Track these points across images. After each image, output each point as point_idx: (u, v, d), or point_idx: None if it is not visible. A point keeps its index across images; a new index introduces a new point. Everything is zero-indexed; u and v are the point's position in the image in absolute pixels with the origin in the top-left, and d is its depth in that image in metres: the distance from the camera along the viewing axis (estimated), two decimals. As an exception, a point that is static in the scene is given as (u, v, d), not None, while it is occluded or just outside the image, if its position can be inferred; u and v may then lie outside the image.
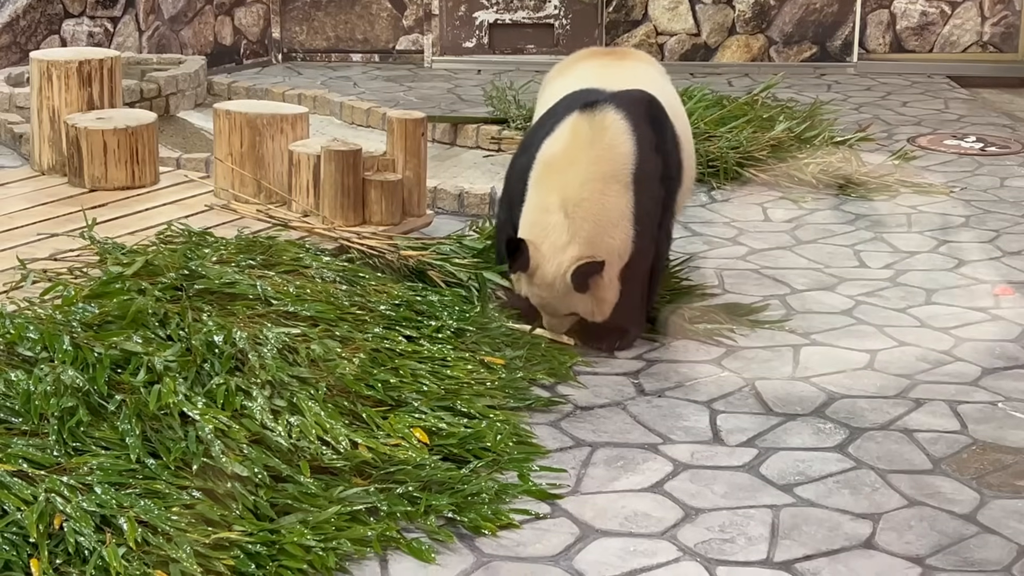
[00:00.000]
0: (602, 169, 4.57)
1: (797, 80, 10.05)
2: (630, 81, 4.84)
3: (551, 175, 4.61)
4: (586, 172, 4.55)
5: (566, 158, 4.61)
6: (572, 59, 5.28)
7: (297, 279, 4.60)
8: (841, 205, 6.77)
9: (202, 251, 4.71)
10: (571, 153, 4.60)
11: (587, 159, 4.57)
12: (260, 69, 10.59)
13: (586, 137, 4.60)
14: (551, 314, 4.71)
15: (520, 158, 4.88)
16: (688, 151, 5.01)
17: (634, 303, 4.74)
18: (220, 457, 3.52)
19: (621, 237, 4.57)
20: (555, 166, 4.61)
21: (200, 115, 8.62)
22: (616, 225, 4.56)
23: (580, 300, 4.59)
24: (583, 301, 4.59)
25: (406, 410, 3.99)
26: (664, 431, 4.17)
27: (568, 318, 4.71)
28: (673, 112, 4.92)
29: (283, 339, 4.06)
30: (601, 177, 4.56)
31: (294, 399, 3.83)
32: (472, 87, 9.86)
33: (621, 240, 4.57)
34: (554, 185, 4.58)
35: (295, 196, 5.63)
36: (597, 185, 4.55)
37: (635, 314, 4.78)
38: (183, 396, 3.70)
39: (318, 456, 3.67)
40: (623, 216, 4.56)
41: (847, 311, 5.25)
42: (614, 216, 4.55)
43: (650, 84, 4.92)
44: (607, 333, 4.73)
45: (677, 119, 4.93)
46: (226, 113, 5.81)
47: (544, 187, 4.61)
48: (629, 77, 4.89)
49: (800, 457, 4.00)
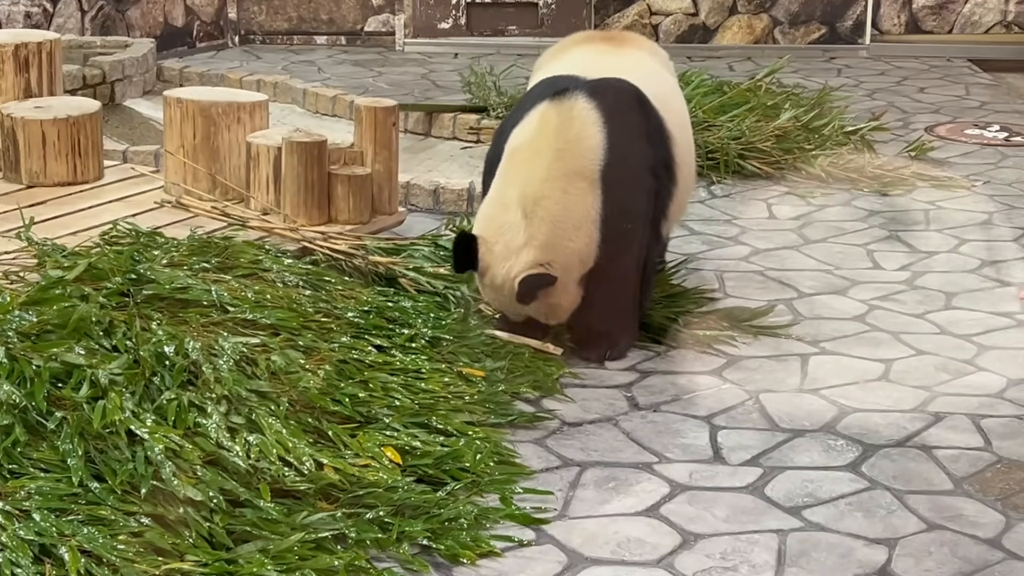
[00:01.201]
0: (566, 165, 4.56)
1: (804, 64, 10.08)
2: (621, 70, 4.84)
3: (514, 168, 4.62)
4: (549, 167, 4.55)
5: (530, 150, 4.61)
6: (565, 43, 5.28)
7: (256, 284, 4.59)
8: (853, 201, 6.79)
9: (151, 253, 4.70)
10: (536, 145, 4.60)
11: (551, 152, 4.57)
12: (215, 53, 10.58)
13: (553, 128, 4.60)
14: (506, 313, 4.75)
15: (491, 150, 4.90)
16: (685, 148, 5.00)
17: (624, 309, 4.75)
18: (171, 480, 3.51)
19: (583, 240, 4.56)
20: (519, 158, 4.63)
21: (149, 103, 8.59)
22: (578, 228, 4.54)
23: (532, 306, 4.61)
24: (534, 308, 4.63)
25: (376, 427, 3.99)
26: (660, 449, 4.18)
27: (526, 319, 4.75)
28: (668, 107, 4.91)
29: (241, 350, 4.05)
30: (564, 173, 4.55)
31: (253, 416, 3.82)
32: (448, 72, 9.85)
33: (583, 244, 4.57)
34: (515, 179, 4.59)
35: (253, 192, 5.62)
36: (559, 182, 4.55)
37: (626, 321, 4.79)
38: (130, 413, 3.69)
39: (279, 478, 3.66)
40: (586, 218, 4.55)
41: (860, 317, 5.27)
42: (576, 217, 4.54)
43: (644, 74, 4.92)
44: (597, 342, 4.74)
45: (673, 114, 4.92)
46: (177, 101, 5.79)
47: (505, 180, 4.63)
48: (621, 66, 4.89)
49: (809, 477, 4.01)
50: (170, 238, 4.95)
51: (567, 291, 4.61)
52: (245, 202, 5.67)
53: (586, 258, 4.59)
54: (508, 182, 4.62)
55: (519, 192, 4.56)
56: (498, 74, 8.21)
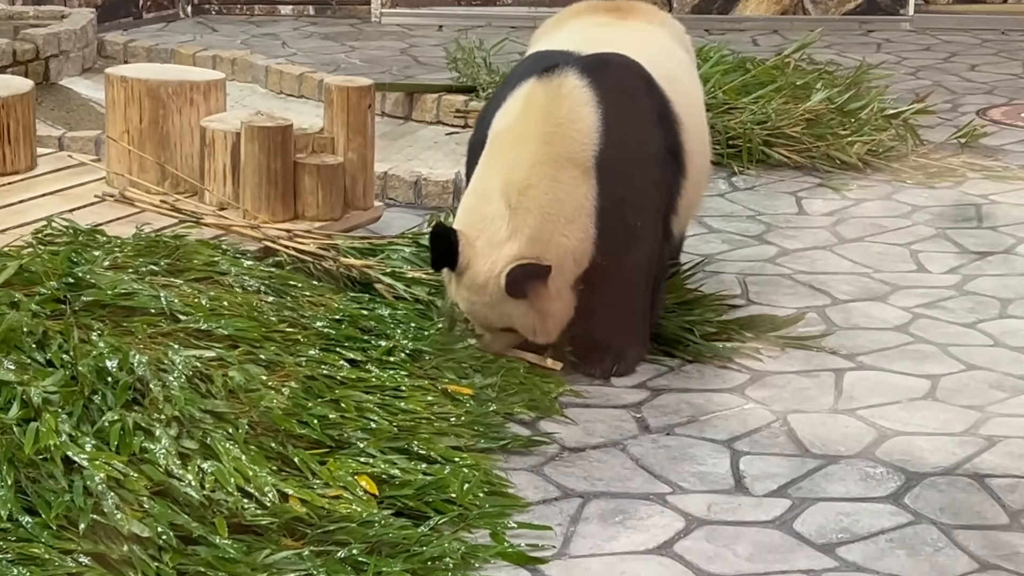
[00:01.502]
0: (555, 150, 4.56)
1: (839, 38, 10.09)
2: (623, 44, 4.84)
3: (497, 154, 4.63)
4: (536, 153, 4.55)
5: (515, 134, 4.61)
6: (563, 15, 5.29)
7: (211, 289, 4.59)
8: (894, 194, 6.80)
9: (91, 254, 4.69)
10: (521, 128, 4.61)
11: (538, 136, 4.57)
12: (164, 24, 10.58)
13: (540, 109, 4.60)
14: (483, 326, 4.72)
15: (473, 136, 4.92)
16: (697, 135, 4.99)
17: (631, 316, 4.75)
18: (114, 513, 3.50)
19: (577, 236, 4.56)
20: (502, 143, 4.63)
21: (89, 82, 8.60)
22: (571, 221, 4.54)
23: (518, 312, 4.58)
24: (522, 313, 4.59)
25: (349, 453, 3.99)
26: (674, 478, 4.18)
27: (506, 335, 4.70)
28: (677, 87, 4.90)
29: (194, 364, 4.05)
30: (553, 159, 4.55)
31: (208, 440, 3.81)
32: (432, 47, 9.87)
33: (577, 240, 4.57)
34: (498, 166, 4.60)
35: (208, 185, 5.62)
36: (548, 169, 4.55)
37: (634, 330, 4.79)
38: (67, 437, 3.68)
39: (238, 511, 3.66)
40: (580, 210, 4.55)
41: (902, 327, 5.28)
42: (568, 209, 4.54)
43: (651, 49, 4.93)
44: (601, 355, 4.74)
45: (683, 96, 4.92)
46: (121, 80, 5.79)
47: (487, 169, 4.64)
48: (624, 39, 4.89)
49: (844, 509, 4.01)
50: (113, 237, 4.95)
51: (560, 296, 4.60)
52: (199, 196, 5.67)
53: (580, 257, 4.58)
54: (490, 170, 4.63)
55: (503, 180, 4.57)
56: (489, 49, 8.22)
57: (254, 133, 5.42)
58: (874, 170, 7.06)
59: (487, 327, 4.71)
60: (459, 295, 4.68)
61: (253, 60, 8.77)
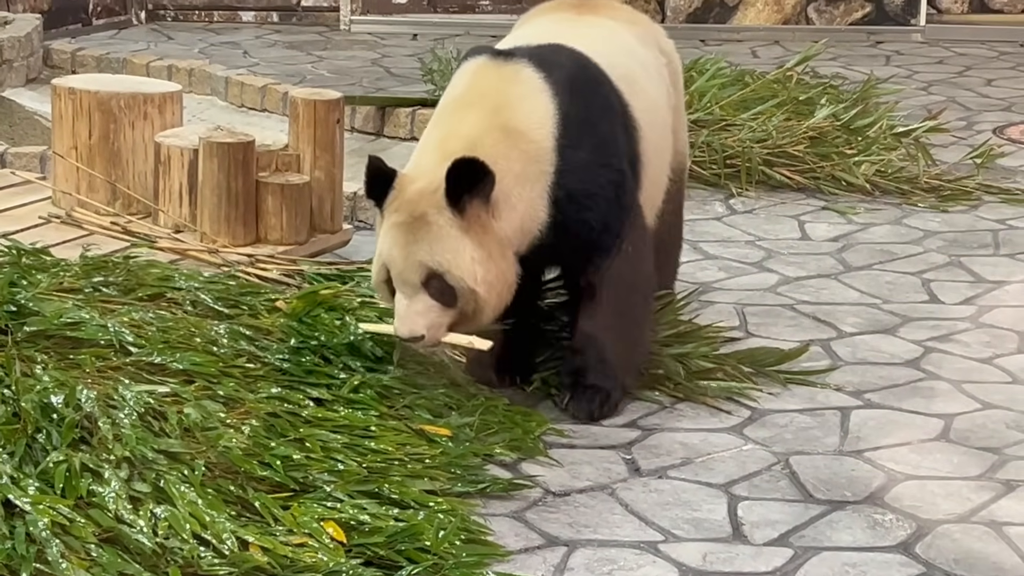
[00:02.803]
0: (508, 120, 4.56)
1: (845, 50, 10.13)
2: (576, 39, 4.86)
3: (441, 122, 4.64)
4: (484, 119, 4.55)
5: (462, 102, 4.64)
6: (529, 14, 5.35)
7: (164, 311, 4.59)
8: (904, 218, 6.82)
9: (35, 278, 4.69)
10: (468, 98, 4.64)
11: (488, 107, 4.57)
12: (116, 32, 10.59)
13: (491, 85, 4.62)
14: (404, 282, 4.46)
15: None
16: (654, 145, 4.92)
17: (620, 344, 4.76)
18: (59, 562, 3.49)
19: (525, 203, 4.53)
20: (447, 111, 4.66)
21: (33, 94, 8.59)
22: (520, 184, 4.52)
23: (450, 249, 4.39)
24: (454, 251, 4.39)
25: (315, 497, 3.98)
26: (667, 525, 4.18)
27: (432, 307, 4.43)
28: (634, 88, 4.88)
29: (146, 400, 4.04)
30: (502, 128, 4.54)
31: (161, 482, 3.80)
32: (405, 57, 9.88)
33: (524, 206, 4.53)
34: (441, 130, 4.61)
35: (163, 205, 5.62)
36: (497, 135, 4.52)
37: (625, 360, 4.80)
38: (8, 479, 3.67)
39: (193, 560, 3.65)
40: (532, 179, 4.54)
41: (913, 362, 5.29)
42: (517, 171, 4.51)
43: (608, 46, 4.94)
44: (587, 393, 4.75)
45: (640, 99, 4.89)
46: (69, 92, 5.79)
47: (428, 135, 4.65)
48: (579, 35, 4.91)
49: (850, 559, 4.01)
50: (59, 260, 4.94)
51: (504, 256, 4.48)
52: (153, 217, 5.67)
53: (527, 225, 4.55)
54: (431, 134, 4.63)
55: (443, 136, 4.56)
56: (467, 60, 8.23)
57: (213, 150, 5.42)
58: (883, 192, 7.07)
59: (408, 283, 4.45)
60: (385, 235, 4.49)
61: (212, 71, 8.77)
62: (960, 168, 7.38)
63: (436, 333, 4.49)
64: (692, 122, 7.21)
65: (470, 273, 4.42)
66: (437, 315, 4.46)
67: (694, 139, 7.08)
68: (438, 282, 4.43)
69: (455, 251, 4.41)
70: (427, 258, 4.42)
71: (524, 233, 4.57)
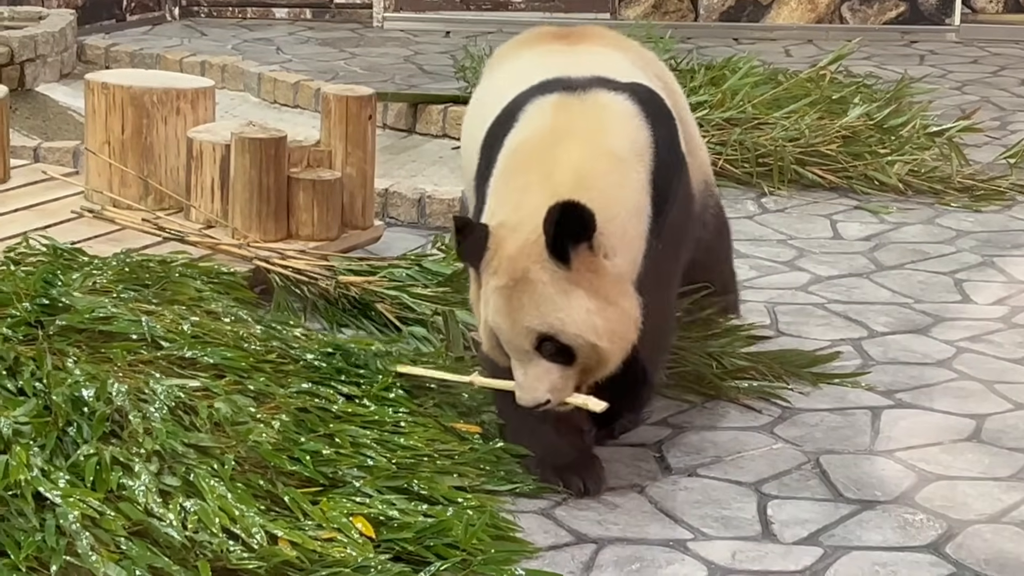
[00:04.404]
0: (611, 143, 4.22)
1: (879, 49, 10.10)
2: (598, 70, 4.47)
3: (523, 164, 4.21)
4: (587, 146, 4.18)
5: (552, 137, 4.23)
6: (511, 47, 4.98)
7: (195, 313, 4.60)
8: (937, 218, 6.80)
9: (68, 275, 4.70)
10: (558, 131, 4.23)
11: (585, 134, 4.21)
12: (150, 28, 10.62)
13: (579, 114, 4.27)
14: (515, 348, 4.08)
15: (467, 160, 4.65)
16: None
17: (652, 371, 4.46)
18: (88, 555, 3.51)
19: (637, 234, 4.16)
20: (527, 153, 4.23)
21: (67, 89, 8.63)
22: (634, 215, 4.16)
23: (560, 307, 3.98)
24: (564, 309, 3.99)
25: (344, 492, 3.99)
26: (696, 523, 4.18)
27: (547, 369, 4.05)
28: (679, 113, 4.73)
29: (177, 395, 4.06)
30: (608, 153, 4.19)
31: (191, 476, 3.82)
32: (438, 54, 9.89)
33: (636, 237, 4.16)
34: (534, 168, 4.18)
35: (195, 201, 5.64)
36: (606, 160, 4.17)
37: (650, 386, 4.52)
38: (39, 471, 3.68)
39: (222, 554, 3.65)
40: (641, 210, 4.19)
41: (945, 362, 5.27)
42: (633, 200, 4.17)
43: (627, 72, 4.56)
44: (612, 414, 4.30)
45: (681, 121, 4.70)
46: (102, 87, 5.81)
47: (514, 175, 4.22)
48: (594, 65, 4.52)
49: (880, 559, 4.01)
50: (92, 257, 4.96)
51: (624, 293, 4.08)
52: (184, 212, 5.68)
53: (638, 258, 4.17)
54: (526, 174, 4.19)
55: (547, 171, 4.14)
56: (499, 57, 8.23)
57: (245, 145, 5.44)
58: (915, 192, 7.05)
59: (519, 349, 4.06)
60: (487, 301, 4.10)
61: (245, 67, 8.79)
62: (993, 168, 7.36)
63: (560, 395, 4.08)
64: (724, 120, 7.22)
65: (588, 328, 4.00)
66: (558, 376, 4.05)
67: (726, 137, 7.08)
68: (551, 344, 4.02)
69: (566, 308, 3.99)
70: (535, 323, 4.00)
71: (635, 265, 4.14)
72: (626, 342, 4.08)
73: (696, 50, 9.24)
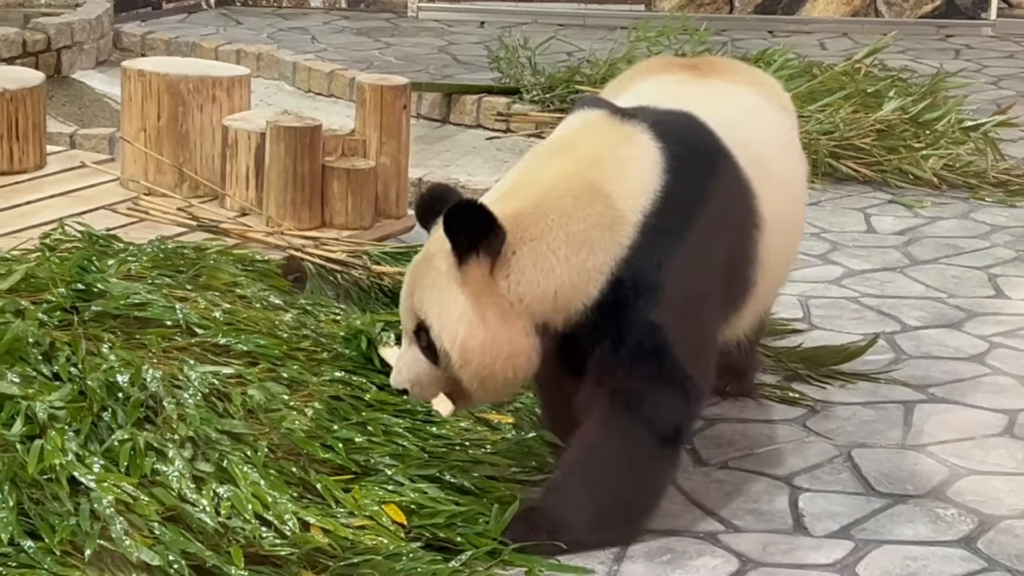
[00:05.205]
0: (595, 178, 3.94)
1: (914, 43, 10.07)
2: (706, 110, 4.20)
3: (529, 162, 4.12)
4: (572, 170, 3.96)
5: (559, 147, 4.11)
6: (640, 69, 4.71)
7: (229, 300, 4.61)
8: (971, 212, 6.78)
9: (103, 262, 4.72)
10: (568, 145, 4.09)
11: (584, 158, 3.99)
12: (186, 16, 10.64)
13: (599, 139, 4.05)
14: (403, 324, 4.00)
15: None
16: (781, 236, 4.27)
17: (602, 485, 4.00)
18: (122, 539, 3.52)
19: (572, 272, 3.87)
20: (541, 153, 4.14)
21: (103, 76, 8.66)
22: (575, 250, 3.87)
23: (440, 301, 3.85)
24: (443, 304, 3.85)
25: (376, 480, 4.00)
26: (727, 515, 4.17)
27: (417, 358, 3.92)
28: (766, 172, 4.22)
29: (210, 381, 4.07)
30: (589, 185, 3.93)
31: (224, 463, 3.83)
32: (472, 45, 9.89)
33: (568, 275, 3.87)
34: (525, 170, 4.06)
35: (230, 189, 5.65)
36: (576, 186, 3.92)
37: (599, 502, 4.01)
38: (74, 456, 3.70)
39: (255, 540, 3.67)
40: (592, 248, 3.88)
41: (978, 357, 5.26)
42: (578, 233, 3.87)
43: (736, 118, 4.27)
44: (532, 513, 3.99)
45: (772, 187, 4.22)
46: (139, 74, 5.83)
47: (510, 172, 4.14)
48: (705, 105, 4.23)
49: (911, 553, 4.00)
50: (128, 244, 4.97)
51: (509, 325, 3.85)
52: (219, 200, 5.70)
53: (563, 300, 3.87)
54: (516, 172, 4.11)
55: (524, 176, 4.02)
56: (534, 48, 8.24)
57: (280, 134, 5.45)
58: (950, 186, 7.03)
59: (405, 329, 3.97)
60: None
61: (280, 56, 8.81)
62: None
63: (422, 391, 3.96)
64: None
65: (450, 333, 3.84)
66: (425, 372, 3.92)
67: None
68: (425, 336, 3.89)
69: (440, 304, 3.86)
70: (418, 306, 3.90)
71: (559, 305, 3.88)
72: (484, 371, 3.85)
73: (731, 43, 9.24)
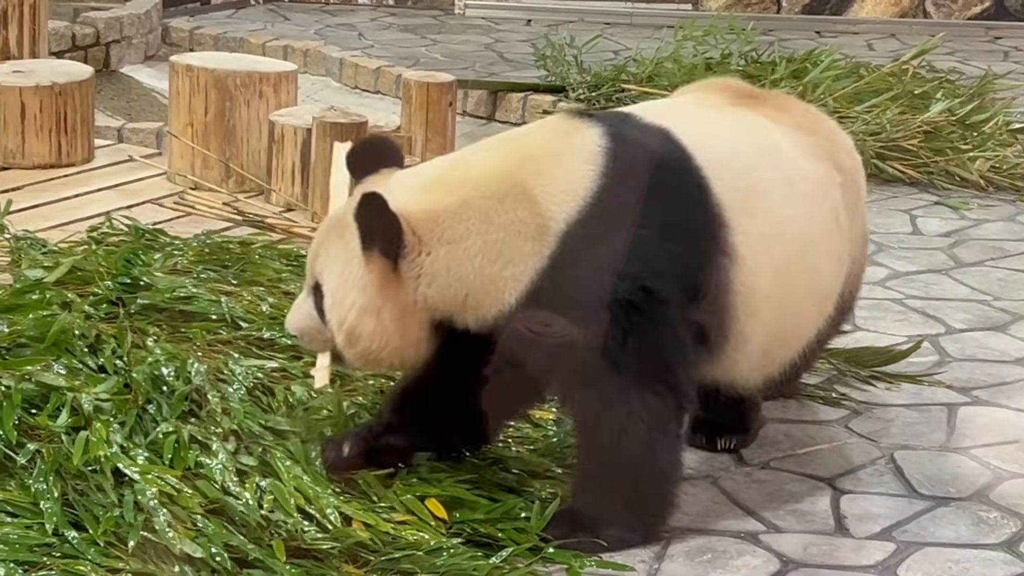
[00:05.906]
0: (523, 178, 3.77)
1: (962, 44, 10.02)
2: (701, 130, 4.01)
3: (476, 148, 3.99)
4: (505, 168, 3.80)
5: (504, 138, 4.00)
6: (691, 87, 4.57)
7: (274, 295, 4.62)
8: (1018, 215, 6.74)
9: (149, 255, 4.74)
10: (512, 138, 3.99)
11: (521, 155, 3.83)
12: (234, 11, 10.67)
13: (542, 135, 3.92)
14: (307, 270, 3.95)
15: None
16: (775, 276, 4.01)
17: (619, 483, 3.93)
18: (165, 531, 3.54)
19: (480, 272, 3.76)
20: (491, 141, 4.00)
21: (151, 71, 8.70)
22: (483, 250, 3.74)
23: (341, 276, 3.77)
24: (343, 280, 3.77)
25: (417, 475, 4.00)
26: (769, 515, 4.17)
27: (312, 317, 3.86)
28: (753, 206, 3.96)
29: (255, 375, 4.08)
30: (515, 185, 3.77)
31: (267, 457, 3.85)
32: (519, 42, 9.89)
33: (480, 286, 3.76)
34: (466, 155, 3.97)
35: (276, 184, 5.67)
36: (501, 187, 3.77)
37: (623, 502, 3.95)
38: (118, 448, 3.72)
39: (297, 534, 3.68)
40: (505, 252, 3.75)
41: (1022, 360, 5.23)
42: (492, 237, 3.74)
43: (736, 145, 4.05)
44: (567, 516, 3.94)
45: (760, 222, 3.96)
46: (187, 69, 5.86)
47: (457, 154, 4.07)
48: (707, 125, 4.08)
49: (953, 556, 3.98)
50: (173, 238, 5.00)
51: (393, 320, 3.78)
52: (265, 195, 5.72)
53: (471, 309, 3.79)
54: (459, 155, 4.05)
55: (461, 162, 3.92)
56: (580, 47, 8.24)
57: (326, 130, 5.46)
58: (997, 188, 7.00)
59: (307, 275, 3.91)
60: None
61: (327, 52, 8.84)
62: (1079, 166, 7.31)
63: (310, 342, 3.94)
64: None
65: (339, 315, 3.79)
66: (315, 326, 3.87)
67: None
68: (319, 297, 3.84)
69: (343, 282, 3.79)
70: (319, 270, 3.85)
71: (468, 308, 3.79)
72: (369, 355, 3.82)
73: (778, 43, 9.22)
